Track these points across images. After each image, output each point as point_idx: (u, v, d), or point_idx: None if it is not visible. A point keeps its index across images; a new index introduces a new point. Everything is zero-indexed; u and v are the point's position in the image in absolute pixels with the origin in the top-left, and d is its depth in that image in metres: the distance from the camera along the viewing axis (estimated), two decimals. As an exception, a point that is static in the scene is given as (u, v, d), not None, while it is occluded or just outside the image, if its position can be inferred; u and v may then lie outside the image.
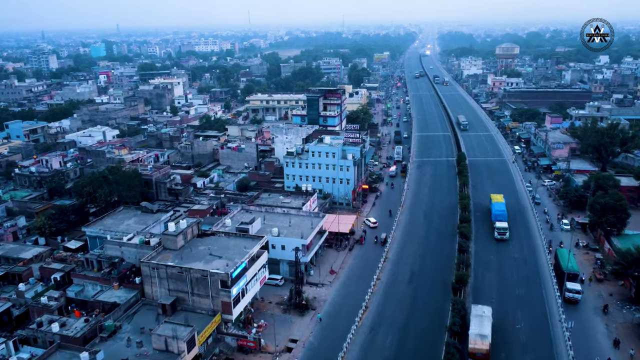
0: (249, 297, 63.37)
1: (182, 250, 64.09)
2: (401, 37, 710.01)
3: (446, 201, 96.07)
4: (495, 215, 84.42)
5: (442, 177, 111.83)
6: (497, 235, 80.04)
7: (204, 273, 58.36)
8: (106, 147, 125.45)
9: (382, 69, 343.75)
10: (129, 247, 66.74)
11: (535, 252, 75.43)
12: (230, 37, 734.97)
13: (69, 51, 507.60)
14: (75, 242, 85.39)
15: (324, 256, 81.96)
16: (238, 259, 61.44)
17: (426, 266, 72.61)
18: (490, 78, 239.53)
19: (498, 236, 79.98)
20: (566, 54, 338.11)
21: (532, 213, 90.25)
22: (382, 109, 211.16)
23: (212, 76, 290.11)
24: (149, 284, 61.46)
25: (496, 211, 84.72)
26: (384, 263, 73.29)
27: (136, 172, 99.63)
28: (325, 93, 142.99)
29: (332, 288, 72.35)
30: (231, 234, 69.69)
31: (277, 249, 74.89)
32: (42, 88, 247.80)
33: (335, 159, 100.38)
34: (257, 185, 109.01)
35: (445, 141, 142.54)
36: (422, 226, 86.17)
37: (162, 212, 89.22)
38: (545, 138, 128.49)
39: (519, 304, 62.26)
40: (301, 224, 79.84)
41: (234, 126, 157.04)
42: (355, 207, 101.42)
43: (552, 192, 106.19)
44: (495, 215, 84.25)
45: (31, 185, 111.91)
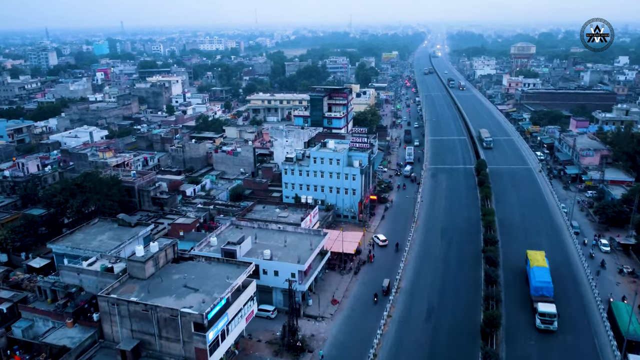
0: (231, 339, 51.96)
1: (151, 280, 52.76)
2: (409, 37, 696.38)
3: (466, 217, 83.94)
4: (535, 287, 57.98)
5: (460, 187, 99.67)
6: (541, 324, 53.98)
7: (173, 312, 46.99)
8: (89, 150, 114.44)
9: (390, 68, 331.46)
10: (88, 274, 55.41)
11: (586, 312, 57.34)
12: (237, 36, 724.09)
13: (72, 49, 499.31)
14: (40, 260, 74.37)
15: (325, 281, 70.36)
16: (218, 293, 50.09)
17: (446, 300, 60.61)
18: (506, 78, 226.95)
19: (542, 325, 53.91)
20: (582, 54, 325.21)
21: (576, 252, 70.44)
22: (391, 110, 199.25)
23: (214, 75, 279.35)
24: (108, 322, 50.16)
25: (538, 282, 57.89)
26: (396, 294, 61.51)
27: (115, 179, 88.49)
28: (330, 92, 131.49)
29: (334, 323, 60.77)
30: (213, 259, 58.26)
31: (269, 274, 63.40)
32: (36, 85, 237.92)
33: (339, 166, 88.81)
34: (253, 195, 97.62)
35: (461, 146, 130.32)
36: (440, 247, 74.02)
37: (141, 225, 77.91)
38: (572, 144, 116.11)
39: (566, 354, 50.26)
40: (298, 244, 68.27)
41: (231, 127, 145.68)
42: (362, 220, 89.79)
43: (585, 206, 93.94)
44: (536, 288, 57.87)
45: (4, 191, 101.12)
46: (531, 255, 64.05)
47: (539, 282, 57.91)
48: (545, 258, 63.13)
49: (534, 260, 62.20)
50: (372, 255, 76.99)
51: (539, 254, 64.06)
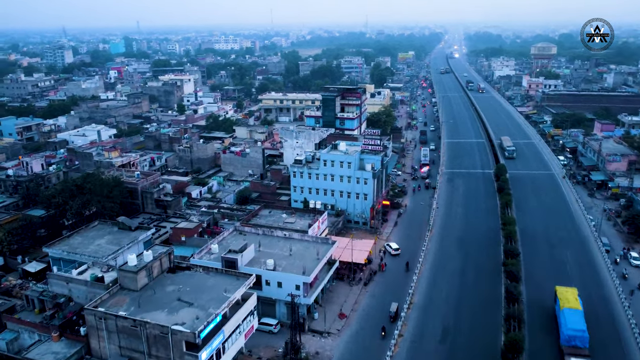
0: (228, 358, 47.88)
1: (143, 292, 48.95)
2: (426, 37, 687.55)
3: (484, 226, 78.78)
4: (567, 337, 48.36)
5: (478, 193, 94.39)
6: None
7: (163, 330, 43.06)
8: (95, 149, 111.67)
9: (406, 68, 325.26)
10: (77, 283, 51.84)
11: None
12: (252, 35, 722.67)
13: (89, 48, 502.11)
14: (36, 264, 71.31)
15: (332, 292, 66.04)
16: (214, 309, 46.07)
17: (463, 318, 55.74)
18: (526, 80, 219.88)
19: None
20: (605, 55, 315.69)
21: (612, 283, 60.58)
22: (407, 111, 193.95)
23: (227, 74, 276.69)
24: (95, 337, 46.45)
25: (570, 330, 48.34)
26: (408, 311, 56.86)
27: (117, 180, 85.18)
28: (343, 92, 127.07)
29: (340, 339, 56.45)
30: (211, 269, 54.28)
31: (272, 285, 59.25)
32: (49, 83, 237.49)
33: (351, 169, 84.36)
34: (260, 198, 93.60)
35: (479, 149, 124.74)
36: (456, 259, 68.99)
37: (142, 229, 74.33)
38: (598, 148, 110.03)
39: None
40: (305, 252, 64.02)
41: (242, 127, 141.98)
42: (373, 227, 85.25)
43: (612, 215, 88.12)
44: (568, 337, 48.27)
45: (7, 191, 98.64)
46: (561, 294, 53.53)
47: (572, 329, 48.08)
48: (579, 297, 52.77)
49: (564, 300, 51.87)
50: (384, 264, 72.55)
51: (570, 292, 53.48)
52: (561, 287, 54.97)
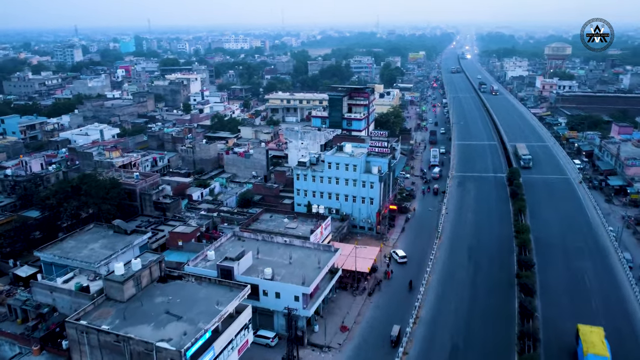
0: (219, 375, 44.61)
1: (130, 304, 45.86)
2: (437, 38, 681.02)
3: (497, 233, 74.77)
4: None
5: (489, 199, 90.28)
6: None
7: (147, 347, 39.88)
8: (96, 148, 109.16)
9: (417, 69, 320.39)
10: (61, 293, 48.90)
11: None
12: (262, 35, 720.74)
13: (99, 46, 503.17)
14: (27, 269, 68.60)
15: (334, 303, 62.55)
16: (204, 323, 42.82)
17: (474, 335, 51.91)
18: (540, 80, 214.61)
19: None
20: (621, 56, 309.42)
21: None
22: (417, 112, 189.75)
23: (235, 73, 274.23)
24: (77, 352, 43.42)
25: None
26: (414, 326, 53.18)
27: (114, 182, 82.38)
28: (350, 92, 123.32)
29: (341, 355, 52.97)
30: (204, 279, 51.05)
31: (270, 296, 55.89)
32: (56, 82, 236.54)
33: (356, 172, 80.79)
34: (263, 201, 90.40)
35: (491, 151, 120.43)
36: (466, 270, 65.07)
37: (138, 233, 71.39)
38: (616, 152, 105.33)
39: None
40: (305, 260, 60.60)
41: (247, 127, 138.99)
42: (379, 232, 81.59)
43: (632, 223, 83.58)
44: None
45: (4, 191, 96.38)
46: (585, 335, 45.19)
47: None
48: (605, 340, 44.71)
49: (588, 343, 43.84)
50: (391, 271, 68.95)
51: (595, 334, 45.04)
52: (584, 327, 46.88)
